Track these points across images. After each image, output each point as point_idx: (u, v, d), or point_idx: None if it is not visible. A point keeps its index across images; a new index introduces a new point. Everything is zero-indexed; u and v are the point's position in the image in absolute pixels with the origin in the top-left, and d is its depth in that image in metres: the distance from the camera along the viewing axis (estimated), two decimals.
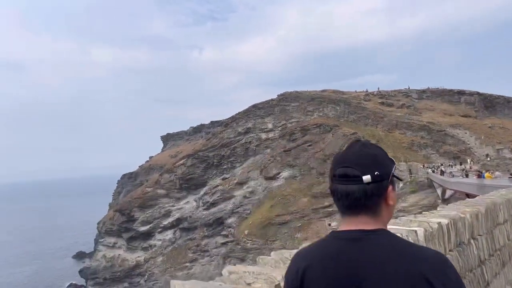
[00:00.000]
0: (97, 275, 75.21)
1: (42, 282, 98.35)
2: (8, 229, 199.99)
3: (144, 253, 70.86)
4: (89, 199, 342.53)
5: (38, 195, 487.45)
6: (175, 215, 70.45)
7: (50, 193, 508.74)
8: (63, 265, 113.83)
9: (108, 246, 78.93)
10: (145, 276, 66.67)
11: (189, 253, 62.81)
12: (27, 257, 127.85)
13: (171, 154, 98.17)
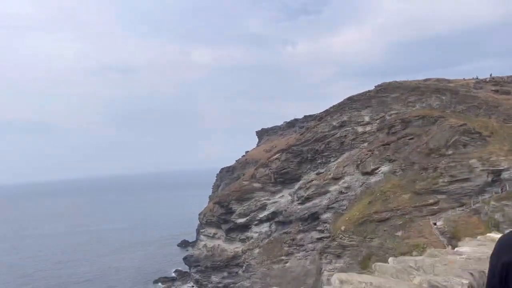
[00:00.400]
0: (199, 263, 79.73)
1: (152, 267, 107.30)
2: (123, 218, 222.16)
3: (242, 245, 73.18)
4: (191, 191, 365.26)
5: (147, 188, 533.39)
6: (270, 208, 71.53)
7: (158, 186, 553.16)
8: (169, 252, 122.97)
9: (208, 237, 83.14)
10: (243, 267, 68.85)
11: (285, 246, 63.30)
12: (138, 244, 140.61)
13: (266, 148, 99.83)
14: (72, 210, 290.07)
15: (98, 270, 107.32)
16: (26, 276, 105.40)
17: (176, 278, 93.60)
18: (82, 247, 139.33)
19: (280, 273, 60.54)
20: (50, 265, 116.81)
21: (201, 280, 77.55)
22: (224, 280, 71.90)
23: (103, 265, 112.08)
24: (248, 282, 65.19)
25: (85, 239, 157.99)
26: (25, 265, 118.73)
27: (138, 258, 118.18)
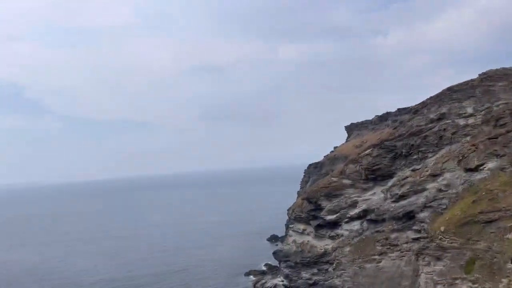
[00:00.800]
0: (288, 259, 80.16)
1: (243, 260, 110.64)
2: (215, 211, 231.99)
3: (332, 242, 71.93)
4: (279, 186, 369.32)
5: (237, 183, 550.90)
6: (361, 206, 69.19)
7: (247, 181, 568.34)
8: (259, 246, 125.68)
9: (297, 232, 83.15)
10: (333, 264, 67.66)
11: (378, 245, 60.76)
12: (230, 236, 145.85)
13: (356, 144, 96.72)
14: (178, 202, 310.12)
15: (193, 260, 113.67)
16: (128, 263, 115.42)
17: (266, 272, 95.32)
18: (182, 238, 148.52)
19: (372, 273, 58.38)
20: (150, 253, 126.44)
21: (291, 276, 77.91)
22: (314, 276, 71.39)
23: (198, 256, 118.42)
24: (339, 280, 63.90)
25: (182, 230, 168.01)
26: (128, 251, 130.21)
27: (229, 250, 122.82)
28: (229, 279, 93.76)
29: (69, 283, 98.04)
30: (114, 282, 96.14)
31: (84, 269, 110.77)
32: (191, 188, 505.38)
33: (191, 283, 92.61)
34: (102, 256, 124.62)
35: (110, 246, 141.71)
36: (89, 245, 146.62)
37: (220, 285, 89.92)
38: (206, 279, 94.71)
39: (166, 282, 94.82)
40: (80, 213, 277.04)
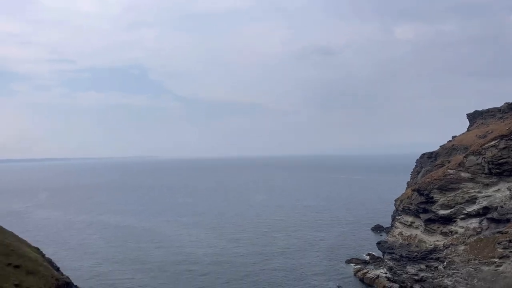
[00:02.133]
0: (393, 251, 76.59)
1: (345, 247, 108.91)
2: (319, 196, 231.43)
3: (444, 238, 66.62)
4: (388, 176, 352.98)
5: (342, 169, 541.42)
6: (481, 202, 62.50)
7: (355, 168, 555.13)
8: (363, 235, 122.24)
9: (405, 225, 78.76)
10: (444, 262, 62.71)
11: (499, 247, 54.48)
12: (334, 223, 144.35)
13: (479, 134, 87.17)
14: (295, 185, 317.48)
15: (296, 243, 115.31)
16: (234, 240, 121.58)
17: (369, 262, 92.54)
18: (286, 220, 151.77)
19: (490, 277, 52.67)
20: (254, 233, 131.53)
21: (396, 269, 74.43)
22: (421, 273, 67.14)
23: (299, 239, 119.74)
24: (450, 280, 59.06)
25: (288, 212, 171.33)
26: (233, 228, 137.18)
27: (333, 236, 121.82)
28: (330, 266, 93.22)
29: (183, 252, 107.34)
30: (220, 257, 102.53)
31: (195, 240, 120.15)
32: (294, 170, 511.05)
33: (291, 266, 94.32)
34: (210, 231, 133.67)
35: (217, 222, 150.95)
36: (197, 217, 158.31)
37: (320, 271, 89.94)
38: (307, 264, 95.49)
39: (268, 262, 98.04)
40: (192, 187, 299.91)
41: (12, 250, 51.03)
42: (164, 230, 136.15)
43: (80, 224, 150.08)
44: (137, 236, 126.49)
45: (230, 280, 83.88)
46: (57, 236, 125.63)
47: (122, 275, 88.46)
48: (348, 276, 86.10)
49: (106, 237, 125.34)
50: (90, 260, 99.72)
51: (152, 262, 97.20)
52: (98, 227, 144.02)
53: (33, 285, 48.21)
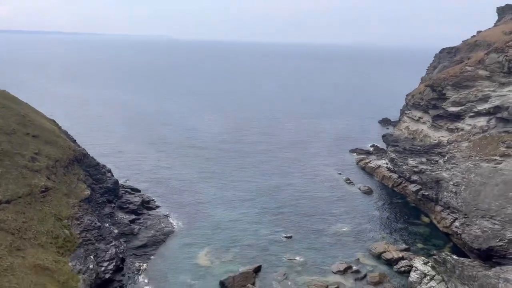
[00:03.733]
0: (397, 144, 78.56)
1: (351, 137, 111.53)
2: (326, 85, 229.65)
3: (449, 134, 67.59)
4: (401, 69, 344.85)
5: (355, 59, 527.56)
6: (494, 102, 61.77)
7: (370, 60, 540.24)
8: (369, 127, 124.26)
9: (413, 119, 79.37)
10: (445, 157, 64.62)
11: (502, 146, 55.42)
12: (342, 112, 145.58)
13: (506, 30, 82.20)
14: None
15: (303, 132, 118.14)
16: (244, 127, 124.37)
17: (372, 153, 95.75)
18: (299, 106, 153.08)
19: (487, 173, 54.64)
20: (265, 122, 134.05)
21: (397, 160, 77.23)
22: (421, 165, 69.74)
23: (308, 128, 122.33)
24: (447, 173, 61.52)
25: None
26: (246, 116, 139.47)
27: (340, 126, 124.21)
28: (334, 154, 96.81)
29: (192, 134, 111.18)
30: (229, 143, 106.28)
31: (205, 122, 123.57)
32: (307, 59, 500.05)
33: (296, 153, 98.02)
34: (221, 116, 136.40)
35: (228, 108, 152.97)
36: (208, 101, 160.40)
37: (324, 158, 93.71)
38: (311, 151, 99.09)
39: (274, 150, 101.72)
40: (204, 69, 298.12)
41: (29, 120, 53.12)
42: (174, 110, 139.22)
43: (94, 101, 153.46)
44: (149, 116, 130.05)
45: (238, 166, 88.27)
46: (72, 111, 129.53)
47: (135, 152, 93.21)
48: (350, 164, 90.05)
49: (119, 115, 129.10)
50: (105, 136, 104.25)
51: (163, 142, 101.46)
52: (112, 104, 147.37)
53: (52, 154, 51.27)
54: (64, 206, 46.21)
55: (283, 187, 75.48)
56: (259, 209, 66.09)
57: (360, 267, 50.84)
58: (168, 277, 48.04)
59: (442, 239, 58.19)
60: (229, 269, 49.52)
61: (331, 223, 62.27)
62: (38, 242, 39.42)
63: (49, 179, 47.70)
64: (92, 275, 41.51)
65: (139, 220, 59.00)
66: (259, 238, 57.29)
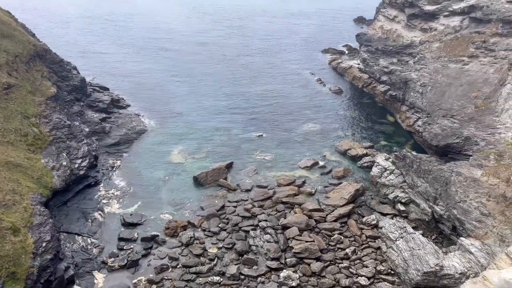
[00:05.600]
0: (370, 44, 77.95)
1: (323, 36, 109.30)
2: None
3: (422, 35, 67.29)
4: None
5: None
6: (469, 1, 60.80)
7: None
8: (344, 26, 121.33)
9: (388, 18, 77.84)
10: (415, 58, 65.14)
11: (471, 47, 56.03)
12: (316, 12, 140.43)
13: None
14: None
15: (277, 30, 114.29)
16: (215, 23, 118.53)
17: (344, 53, 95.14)
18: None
19: (454, 74, 55.97)
20: (237, 19, 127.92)
21: (368, 60, 77.34)
22: (391, 66, 70.31)
23: (282, 26, 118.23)
24: (416, 74, 62.60)
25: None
26: (218, 14, 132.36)
27: (314, 26, 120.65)
28: (306, 54, 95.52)
29: (164, 31, 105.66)
30: (205, 39, 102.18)
31: (179, 20, 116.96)
32: None
33: (269, 51, 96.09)
34: (195, 14, 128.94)
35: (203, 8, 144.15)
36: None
37: (296, 58, 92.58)
38: (284, 51, 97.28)
39: (248, 48, 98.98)
40: None
41: None
42: (149, 8, 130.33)
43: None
44: (120, 12, 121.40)
45: (211, 66, 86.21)
46: (26, 3, 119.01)
47: (108, 51, 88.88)
48: (322, 65, 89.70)
49: (82, 8, 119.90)
50: (64, 29, 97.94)
51: (131, 40, 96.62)
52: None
53: (10, 49, 48.30)
54: (30, 104, 45.08)
55: (255, 88, 75.44)
56: (231, 109, 66.65)
57: (326, 163, 53.84)
58: (142, 173, 49.63)
59: (405, 137, 61.45)
60: (202, 165, 51.45)
61: (301, 123, 64.01)
62: (7, 140, 39.14)
63: (11, 75, 45.65)
64: (66, 171, 42.36)
65: (110, 118, 58.70)
66: (231, 137, 58.75)
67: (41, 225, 32.84)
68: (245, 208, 44.23)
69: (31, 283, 28.92)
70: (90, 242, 38.90)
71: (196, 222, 42.09)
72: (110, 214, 42.73)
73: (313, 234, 40.76)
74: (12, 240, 29.53)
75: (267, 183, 48.91)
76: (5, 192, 33.06)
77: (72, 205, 42.60)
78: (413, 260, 35.85)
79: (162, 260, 37.79)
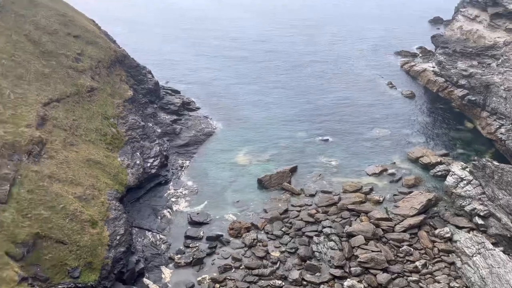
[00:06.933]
0: (447, 45, 73.51)
1: (397, 38, 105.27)
2: None
3: (507, 35, 62.11)
4: None
5: None
6: None
7: None
8: (418, 28, 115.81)
9: (468, 18, 72.93)
10: (499, 60, 60.22)
11: None
12: (389, 16, 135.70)
13: None
14: None
15: (345, 33, 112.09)
16: (285, 28, 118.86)
17: (418, 55, 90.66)
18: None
19: None
20: (306, 23, 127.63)
21: (445, 63, 72.86)
22: (471, 69, 65.58)
23: (351, 29, 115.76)
24: (499, 77, 57.78)
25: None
26: (287, 18, 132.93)
27: (386, 27, 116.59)
28: (377, 56, 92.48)
29: (237, 38, 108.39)
30: (271, 45, 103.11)
31: (247, 26, 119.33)
32: None
33: (338, 54, 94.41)
34: (262, 18, 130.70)
35: (271, 12, 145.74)
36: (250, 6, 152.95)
37: (366, 60, 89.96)
38: (353, 53, 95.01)
39: (316, 52, 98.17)
40: None
41: (70, 20, 53.35)
42: (218, 12, 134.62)
43: (134, 1, 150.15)
44: (191, 18, 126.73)
45: (277, 70, 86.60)
46: (108, 12, 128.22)
47: (178, 55, 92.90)
48: (394, 68, 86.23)
49: (158, 16, 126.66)
50: (145, 37, 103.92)
51: (203, 47, 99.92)
52: (151, 4, 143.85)
53: (94, 55, 52.22)
54: (110, 105, 48.35)
55: (322, 90, 74.40)
56: (297, 113, 66.25)
57: (396, 170, 51.51)
58: (209, 173, 51.01)
59: (485, 145, 56.99)
60: (266, 168, 51.70)
61: (370, 128, 61.94)
62: (89, 139, 42.26)
63: (94, 79, 49.32)
64: (140, 170, 44.79)
65: (181, 120, 61.12)
66: (296, 140, 58.40)
67: (116, 219, 35.00)
68: (309, 213, 43.67)
69: (106, 273, 30.86)
70: (159, 238, 40.70)
71: (259, 224, 42.32)
72: (178, 212, 44.41)
73: (380, 244, 39.13)
74: (90, 232, 31.76)
75: (332, 189, 47.91)
76: (85, 187, 35.70)
77: (143, 202, 44.92)
78: (492, 279, 33.01)
79: (225, 260, 38.46)
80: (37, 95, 40.62)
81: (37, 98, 40.27)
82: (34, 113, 37.93)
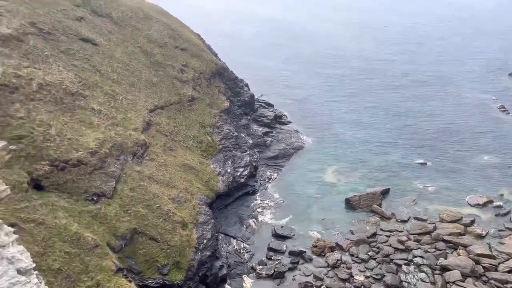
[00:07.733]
0: None
1: (510, 60, 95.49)
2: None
3: None
4: None
5: None
6: None
7: None
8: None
9: None
10: None
11: None
12: (499, 31, 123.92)
13: None
14: None
15: (452, 50, 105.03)
16: (388, 45, 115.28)
17: None
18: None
19: None
20: (412, 42, 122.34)
21: None
22: None
23: (460, 47, 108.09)
24: None
25: None
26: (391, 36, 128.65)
27: (497, 47, 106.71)
28: (488, 76, 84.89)
29: (334, 52, 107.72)
30: (374, 61, 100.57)
31: (348, 40, 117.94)
32: None
33: (446, 73, 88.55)
34: (363, 34, 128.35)
35: (371, 28, 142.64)
36: (351, 18, 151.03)
37: (475, 80, 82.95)
38: (461, 72, 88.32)
39: (420, 70, 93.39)
40: None
41: (178, 34, 57.67)
42: (315, 27, 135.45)
43: (235, 16, 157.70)
44: (289, 33, 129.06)
45: (373, 87, 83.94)
46: (213, 26, 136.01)
47: (275, 70, 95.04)
48: (507, 90, 78.35)
49: (260, 31, 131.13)
50: (245, 51, 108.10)
51: (304, 60, 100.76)
52: (252, 19, 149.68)
53: (197, 67, 55.63)
54: (207, 115, 50.93)
55: (423, 113, 70.10)
56: (394, 135, 63.24)
57: (503, 203, 46.38)
58: (296, 188, 50.80)
59: None
60: (355, 188, 49.96)
61: (475, 153, 56.73)
62: (186, 145, 44.86)
63: (195, 89, 52.47)
64: (230, 178, 46.25)
65: (272, 133, 62.06)
66: (390, 161, 55.67)
67: (205, 224, 36.45)
68: (399, 240, 41.10)
69: (191, 274, 32.19)
70: (243, 246, 41.42)
71: (344, 245, 40.90)
72: (263, 223, 44.83)
73: (479, 283, 35.25)
74: (181, 233, 33.47)
75: (427, 217, 44.59)
76: (179, 190, 37.84)
77: (231, 209, 46.20)
78: None
79: (307, 277, 37.76)
80: (145, 102, 44.34)
81: (145, 104, 43.94)
82: (141, 118, 41.40)
